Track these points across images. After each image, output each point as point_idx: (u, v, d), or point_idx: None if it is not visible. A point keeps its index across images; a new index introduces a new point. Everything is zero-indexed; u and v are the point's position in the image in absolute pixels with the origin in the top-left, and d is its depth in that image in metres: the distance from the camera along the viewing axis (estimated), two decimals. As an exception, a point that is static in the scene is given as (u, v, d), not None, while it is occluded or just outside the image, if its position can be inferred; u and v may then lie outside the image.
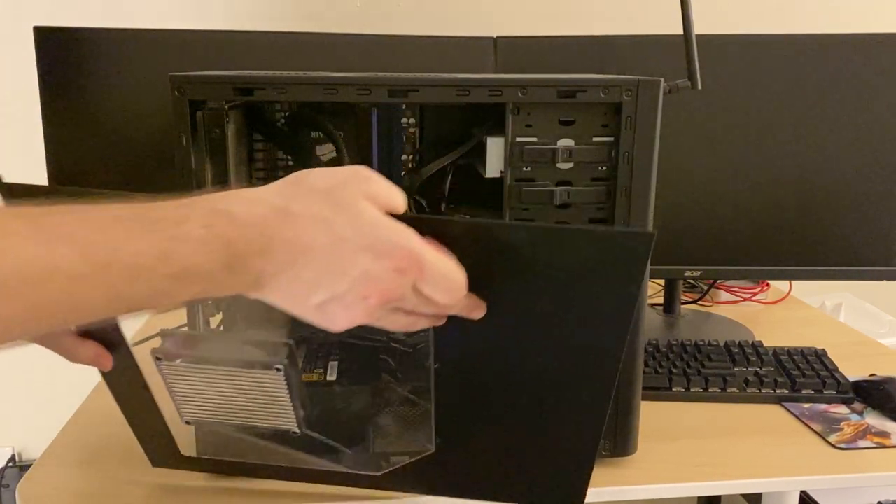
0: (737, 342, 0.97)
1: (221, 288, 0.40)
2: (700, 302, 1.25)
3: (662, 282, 1.19)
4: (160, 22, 0.99)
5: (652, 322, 1.14)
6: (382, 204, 0.44)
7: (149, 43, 0.94)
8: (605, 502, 0.74)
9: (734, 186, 1.02)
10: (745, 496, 1.41)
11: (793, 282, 1.26)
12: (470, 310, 0.49)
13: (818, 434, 0.81)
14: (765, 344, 0.98)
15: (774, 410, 0.86)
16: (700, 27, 0.85)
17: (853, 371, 0.92)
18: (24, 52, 0.94)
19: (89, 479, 0.72)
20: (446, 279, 0.45)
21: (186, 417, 0.60)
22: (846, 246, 1.04)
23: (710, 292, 1.25)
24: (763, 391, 0.88)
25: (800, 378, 0.89)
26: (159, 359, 0.55)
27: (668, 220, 1.01)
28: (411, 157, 0.78)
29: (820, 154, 1.01)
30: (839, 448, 0.78)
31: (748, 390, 0.88)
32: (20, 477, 0.75)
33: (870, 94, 0.99)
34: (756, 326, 1.13)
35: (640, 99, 0.64)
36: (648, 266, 0.69)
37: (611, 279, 0.47)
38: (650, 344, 0.96)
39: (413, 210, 0.77)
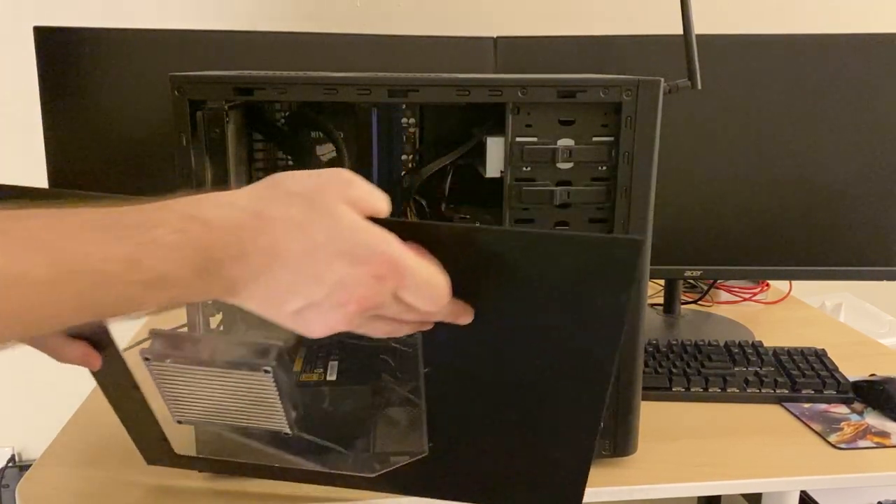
0: (737, 342, 0.97)
1: (194, 294, 0.39)
2: (700, 302, 1.25)
3: (662, 282, 1.19)
4: (160, 22, 1.00)
5: (652, 322, 1.14)
6: (363, 208, 0.42)
7: (149, 43, 0.94)
8: (605, 502, 0.74)
9: (734, 186, 1.02)
10: (745, 496, 1.41)
11: (793, 282, 1.26)
12: (456, 316, 0.48)
13: (818, 434, 0.81)
14: (765, 344, 0.98)
15: (774, 410, 0.86)
16: (700, 27, 0.85)
17: (853, 371, 0.92)
18: (24, 52, 0.94)
19: (89, 479, 0.72)
20: (428, 286, 0.44)
21: (178, 417, 0.60)
22: (846, 246, 1.04)
23: (710, 292, 1.25)
24: (763, 391, 0.88)
25: (800, 378, 0.89)
26: (148, 359, 0.54)
27: (668, 220, 1.01)
28: (411, 157, 0.78)
29: (820, 154, 1.01)
30: (839, 448, 0.78)
31: (748, 390, 0.88)
32: (20, 477, 0.75)
33: (870, 94, 0.99)
34: (756, 326, 1.13)
35: (640, 99, 0.64)
36: (648, 268, 0.70)
37: (600, 286, 0.46)
38: (650, 344, 0.96)
39: (413, 210, 0.77)
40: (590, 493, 0.70)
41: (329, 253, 0.40)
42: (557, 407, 0.53)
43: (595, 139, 0.66)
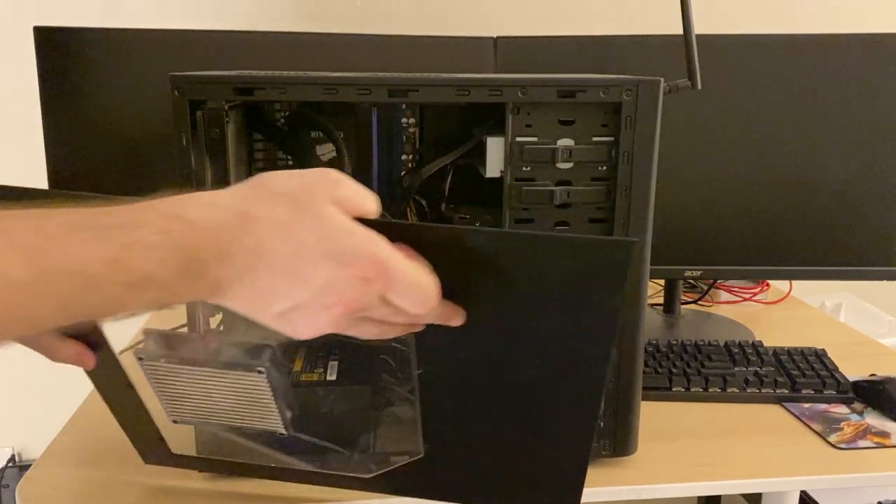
0: (737, 342, 0.97)
1: (179, 295, 0.39)
2: (700, 302, 1.25)
3: (662, 282, 1.19)
4: (160, 22, 1.00)
5: (652, 322, 1.14)
6: (351, 209, 0.42)
7: (149, 43, 0.94)
8: (605, 502, 0.74)
9: (734, 186, 1.02)
10: (745, 496, 1.41)
11: (793, 282, 1.26)
12: (447, 318, 0.47)
13: (818, 434, 0.81)
14: (765, 344, 0.98)
15: (774, 410, 0.86)
16: (700, 27, 0.85)
17: (853, 371, 0.92)
18: (24, 52, 0.94)
19: (89, 479, 0.72)
20: (416, 288, 0.43)
21: (173, 417, 0.60)
22: (846, 246, 1.04)
23: (710, 292, 1.25)
24: (763, 391, 0.88)
25: (800, 378, 0.89)
26: (142, 358, 0.54)
27: (668, 220, 1.01)
28: (411, 157, 0.78)
29: (820, 154, 1.01)
30: (839, 448, 0.78)
31: (748, 390, 0.88)
32: (20, 477, 0.75)
33: (870, 94, 0.99)
34: (756, 326, 1.13)
35: (640, 99, 0.64)
36: (648, 268, 0.70)
37: (593, 287, 0.45)
38: (650, 344, 0.96)
39: (413, 210, 0.77)
40: (590, 493, 0.71)
41: (315, 254, 0.40)
42: (552, 408, 0.52)
43: (595, 139, 0.66)
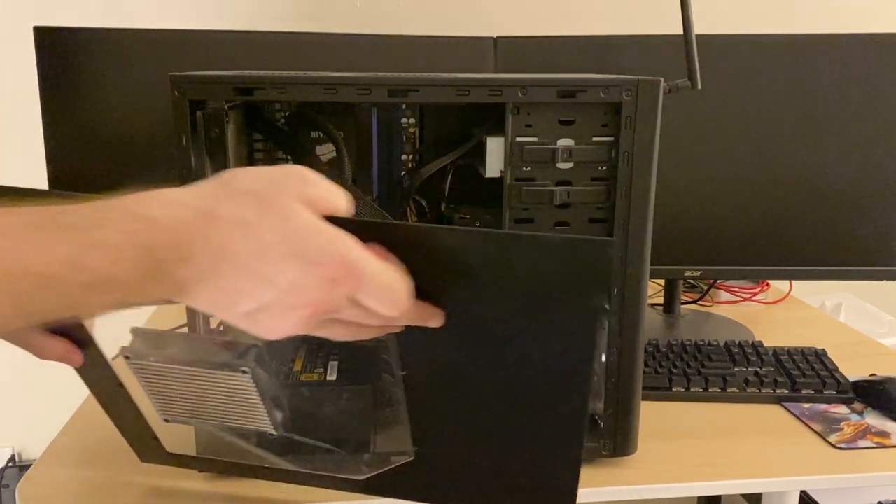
0: (737, 342, 0.97)
1: (142, 296, 0.38)
2: (700, 302, 1.25)
3: (662, 282, 1.19)
4: (160, 22, 1.00)
5: (652, 322, 1.14)
6: (321, 207, 0.40)
7: (149, 43, 0.94)
8: (605, 502, 0.74)
9: (734, 186, 1.02)
10: (745, 496, 1.41)
11: (793, 282, 1.26)
12: (423, 319, 0.46)
13: (818, 434, 0.81)
14: (765, 344, 0.98)
15: (774, 410, 0.86)
16: (700, 27, 0.85)
17: (853, 371, 0.92)
18: (24, 52, 0.94)
19: (89, 479, 0.72)
20: (387, 289, 0.41)
21: (165, 416, 0.59)
22: (846, 246, 1.04)
23: (710, 292, 1.25)
24: (763, 391, 0.88)
25: (800, 378, 0.89)
26: (128, 357, 0.54)
27: (668, 220, 1.01)
28: (411, 157, 0.78)
29: (820, 154, 1.01)
30: (839, 448, 0.78)
31: (748, 390, 0.88)
32: (20, 477, 0.75)
33: (870, 94, 0.99)
34: (756, 326, 1.13)
35: (640, 99, 0.64)
36: (648, 268, 0.70)
37: (571, 289, 0.44)
38: (650, 344, 0.96)
39: (413, 210, 0.77)
40: (590, 494, 0.71)
41: (280, 254, 0.38)
42: (539, 410, 0.51)
43: (595, 139, 0.66)
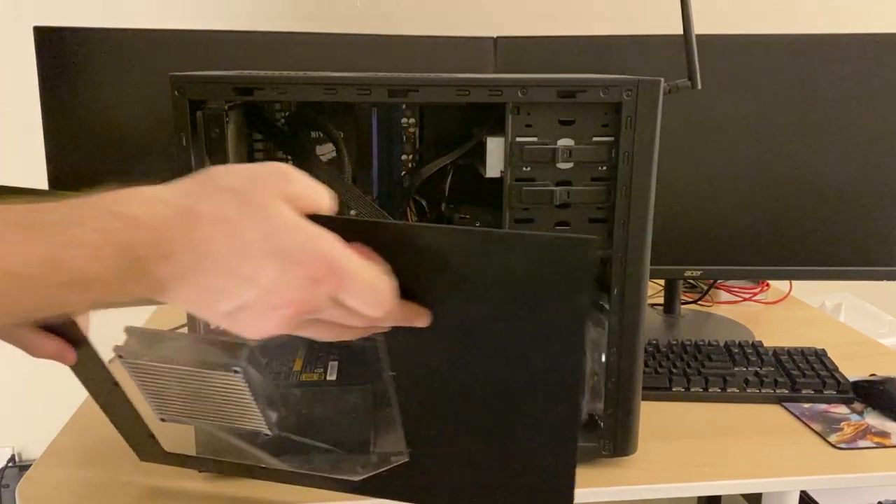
0: (737, 342, 0.97)
1: (122, 294, 0.37)
2: (700, 302, 1.25)
3: (662, 282, 1.19)
4: (160, 22, 0.99)
5: (652, 322, 1.14)
6: (304, 205, 0.40)
7: (149, 43, 0.94)
8: (605, 502, 0.74)
9: (734, 186, 1.02)
10: (745, 496, 1.41)
11: (793, 282, 1.26)
12: (409, 319, 0.45)
13: (818, 434, 0.81)
14: (765, 344, 0.98)
15: (774, 410, 0.86)
16: (700, 27, 0.85)
17: (853, 371, 0.92)
18: (24, 52, 0.94)
19: (89, 479, 0.72)
20: (370, 289, 0.41)
21: (160, 415, 0.59)
22: (846, 246, 1.04)
23: (710, 292, 1.25)
24: (763, 391, 0.88)
25: (800, 378, 0.89)
26: (122, 356, 0.54)
27: (668, 220, 1.01)
28: (411, 157, 0.78)
29: (820, 154, 1.01)
30: (839, 448, 0.78)
31: (748, 390, 0.88)
32: (20, 477, 0.75)
33: (870, 94, 0.99)
34: (756, 326, 1.13)
35: (640, 99, 0.64)
36: (648, 268, 0.70)
37: (552, 288, 0.43)
38: (650, 344, 0.96)
39: (413, 210, 0.77)
40: (590, 493, 0.71)
41: (260, 253, 0.38)
42: (530, 411, 0.50)
43: (595, 139, 0.66)
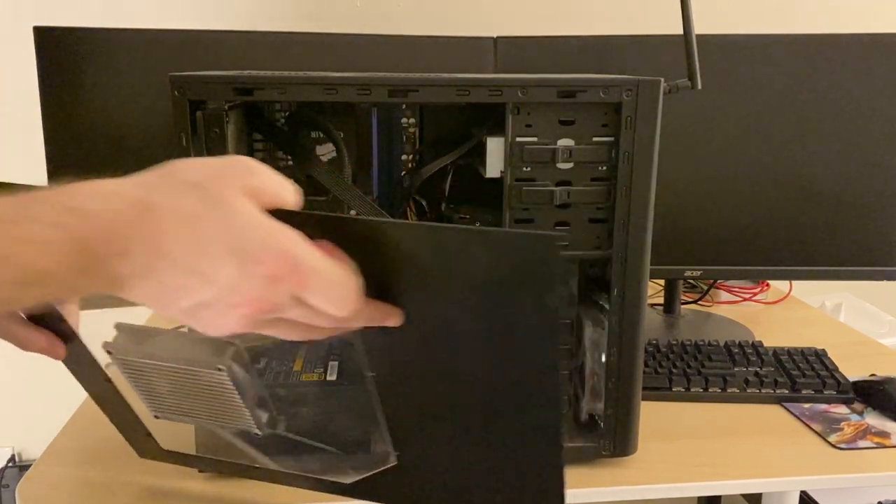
0: (737, 342, 0.97)
1: (76, 291, 0.37)
2: (700, 302, 1.25)
3: (662, 282, 1.19)
4: (160, 22, 0.99)
5: (652, 322, 1.14)
6: (267, 200, 0.39)
7: (149, 43, 0.94)
8: (606, 502, 0.74)
9: (734, 186, 1.02)
10: (745, 496, 1.41)
11: (793, 282, 1.26)
12: (379, 318, 0.43)
13: (818, 434, 0.81)
14: (765, 344, 0.98)
15: (774, 410, 0.86)
16: (700, 27, 0.85)
17: (853, 371, 0.92)
18: (24, 52, 0.94)
19: (89, 479, 0.72)
20: (334, 288, 0.39)
21: (154, 412, 0.59)
22: (846, 246, 1.04)
23: (710, 292, 1.25)
24: (763, 391, 0.88)
25: (800, 378, 0.89)
26: (111, 352, 0.53)
27: (668, 220, 1.01)
28: (411, 157, 0.78)
29: (820, 154, 1.01)
30: (839, 448, 0.78)
31: (748, 390, 0.88)
32: (20, 477, 0.75)
33: (870, 95, 0.99)
34: (756, 326, 1.13)
35: (640, 99, 0.64)
36: (648, 268, 0.70)
37: (520, 287, 0.42)
38: (650, 344, 0.96)
39: (413, 210, 0.77)
40: (590, 493, 0.71)
41: (219, 249, 0.36)
42: (511, 413, 0.49)
43: (595, 139, 0.66)
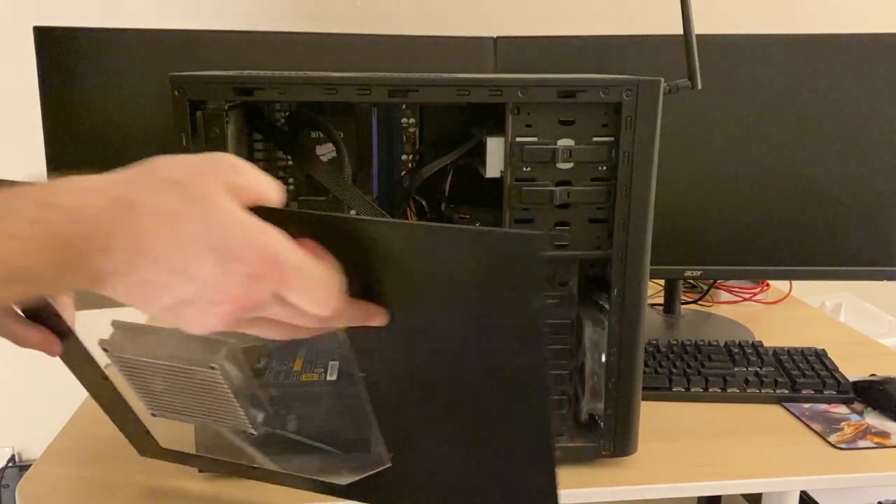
0: (737, 342, 0.97)
1: (55, 287, 0.36)
2: (700, 302, 1.25)
3: (662, 282, 1.19)
4: (160, 22, 0.99)
5: (652, 322, 1.14)
6: (250, 198, 0.38)
7: (149, 43, 0.94)
8: (606, 502, 0.74)
9: (734, 186, 1.02)
10: (745, 496, 1.41)
11: (793, 282, 1.26)
12: (363, 318, 0.43)
13: (818, 434, 0.81)
14: (765, 344, 0.98)
15: (774, 410, 0.86)
16: (700, 27, 0.85)
17: (853, 371, 0.92)
18: (24, 52, 0.94)
19: (89, 479, 0.72)
20: (316, 286, 0.39)
21: (151, 410, 0.59)
22: (846, 246, 1.04)
23: (710, 292, 1.25)
24: (763, 391, 0.88)
25: (800, 378, 0.89)
26: (107, 350, 0.53)
27: (668, 220, 1.01)
28: (411, 157, 0.78)
29: (820, 154, 1.01)
30: (839, 448, 0.78)
31: (748, 390, 0.88)
32: (20, 477, 0.75)
33: (870, 95, 0.99)
34: (756, 326, 1.13)
35: (640, 99, 0.64)
36: (648, 268, 0.70)
37: (501, 287, 0.41)
38: (650, 344, 0.96)
39: (413, 210, 0.77)
40: (590, 493, 0.71)
41: (199, 248, 0.36)
42: (499, 414, 0.48)
43: (595, 139, 0.66)
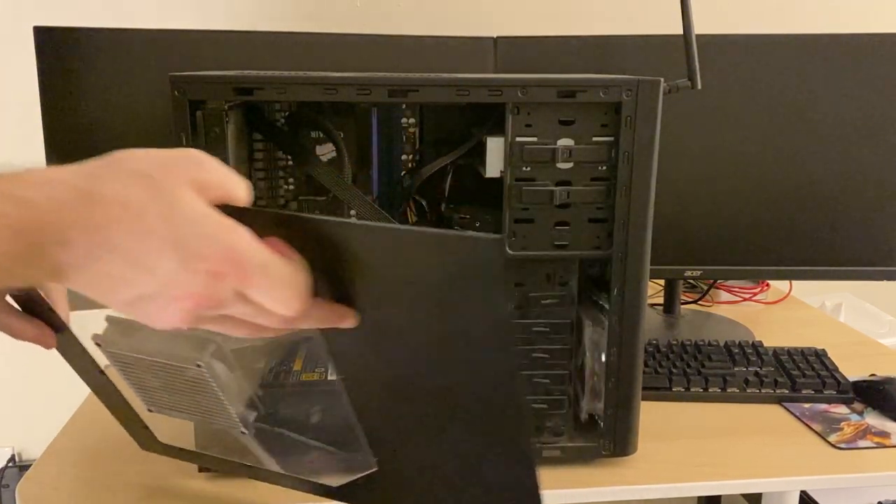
0: (737, 342, 0.97)
1: (15, 280, 0.36)
2: (700, 302, 1.25)
3: (662, 282, 1.19)
4: (160, 22, 0.99)
5: (652, 322, 1.14)
6: (216, 195, 0.38)
7: (149, 43, 0.94)
8: (606, 502, 0.74)
9: (734, 186, 1.02)
10: (745, 496, 1.41)
11: (793, 282, 1.26)
12: (333, 320, 0.42)
13: (818, 434, 0.81)
14: (765, 344, 0.98)
15: (774, 410, 0.86)
16: (700, 27, 0.85)
17: (853, 371, 0.92)
18: (24, 52, 0.94)
19: (89, 479, 0.72)
20: (279, 286, 0.38)
21: (147, 405, 0.59)
22: (846, 246, 1.04)
23: (710, 292, 1.25)
24: (763, 391, 0.88)
25: (800, 378, 0.89)
26: (99, 344, 0.53)
27: (668, 220, 1.01)
28: (411, 157, 0.78)
29: (820, 154, 1.01)
30: (839, 448, 0.78)
31: (748, 390, 0.88)
32: (20, 477, 0.75)
33: (870, 94, 0.99)
34: (756, 326, 1.13)
35: (640, 99, 0.64)
36: (648, 268, 0.70)
37: (467, 289, 0.40)
38: (650, 344, 0.96)
39: (413, 211, 0.77)
40: (590, 493, 0.71)
41: (161, 243, 0.36)
42: (475, 416, 0.48)
43: (595, 139, 0.66)
